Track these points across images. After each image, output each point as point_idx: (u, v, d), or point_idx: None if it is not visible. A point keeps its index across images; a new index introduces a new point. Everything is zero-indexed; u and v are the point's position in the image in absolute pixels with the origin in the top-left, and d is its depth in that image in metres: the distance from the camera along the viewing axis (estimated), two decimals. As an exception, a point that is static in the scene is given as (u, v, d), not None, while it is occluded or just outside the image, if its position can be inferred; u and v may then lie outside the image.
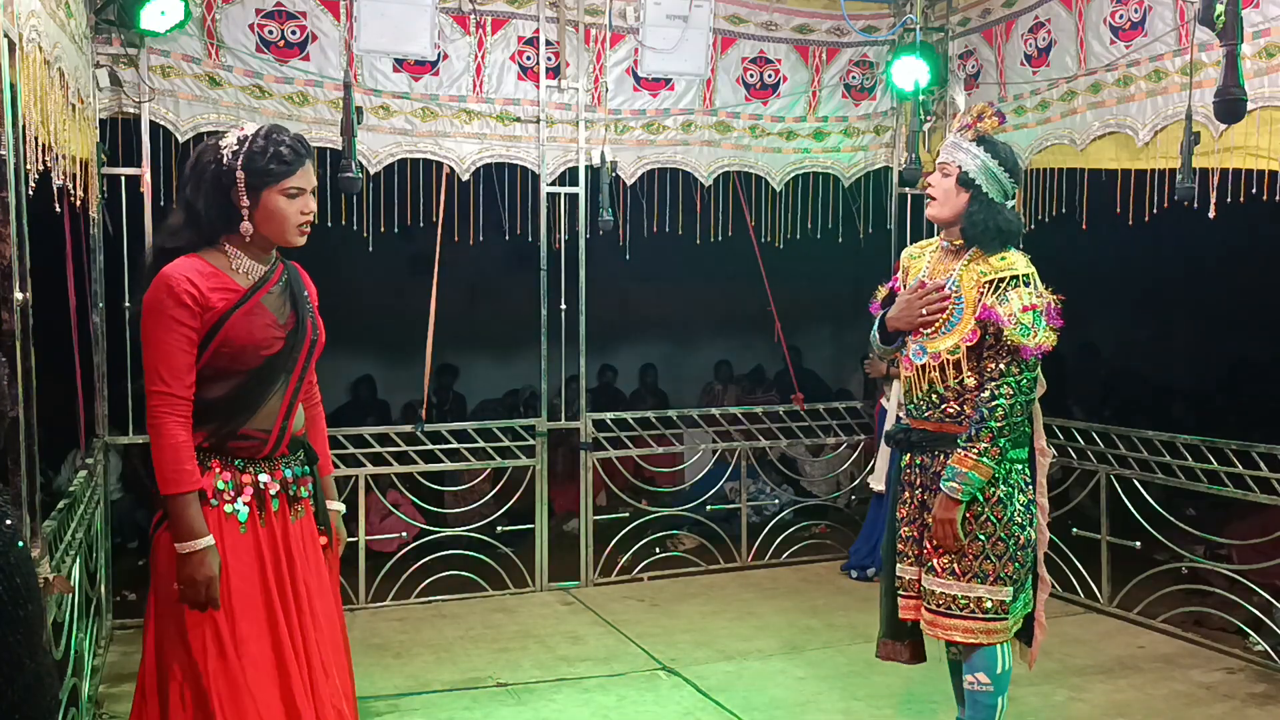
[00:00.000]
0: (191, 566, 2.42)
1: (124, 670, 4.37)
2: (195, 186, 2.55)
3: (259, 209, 2.54)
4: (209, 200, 2.53)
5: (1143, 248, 7.43)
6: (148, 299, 2.49)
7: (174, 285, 2.46)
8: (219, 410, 2.52)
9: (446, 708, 4.21)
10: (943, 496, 3.19)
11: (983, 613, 3.21)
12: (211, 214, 2.53)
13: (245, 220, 2.54)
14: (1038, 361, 3.16)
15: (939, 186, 3.32)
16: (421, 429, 5.67)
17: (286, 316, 2.61)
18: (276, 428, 2.60)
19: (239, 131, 2.57)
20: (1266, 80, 4.20)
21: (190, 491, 2.45)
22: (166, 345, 2.46)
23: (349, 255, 5.85)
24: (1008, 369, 3.14)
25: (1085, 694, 4.27)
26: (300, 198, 2.58)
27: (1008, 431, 3.14)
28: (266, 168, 2.53)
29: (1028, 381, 3.15)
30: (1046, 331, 3.16)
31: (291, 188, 2.56)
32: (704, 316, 10.09)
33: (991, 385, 3.15)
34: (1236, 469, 4.70)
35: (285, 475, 2.63)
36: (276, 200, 2.55)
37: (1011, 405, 3.12)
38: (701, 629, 5.17)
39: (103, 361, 4.95)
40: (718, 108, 6.00)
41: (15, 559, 1.27)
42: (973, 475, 3.14)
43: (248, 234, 2.55)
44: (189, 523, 2.43)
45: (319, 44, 5.24)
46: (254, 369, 2.55)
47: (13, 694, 1.22)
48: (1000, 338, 3.15)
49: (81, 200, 4.19)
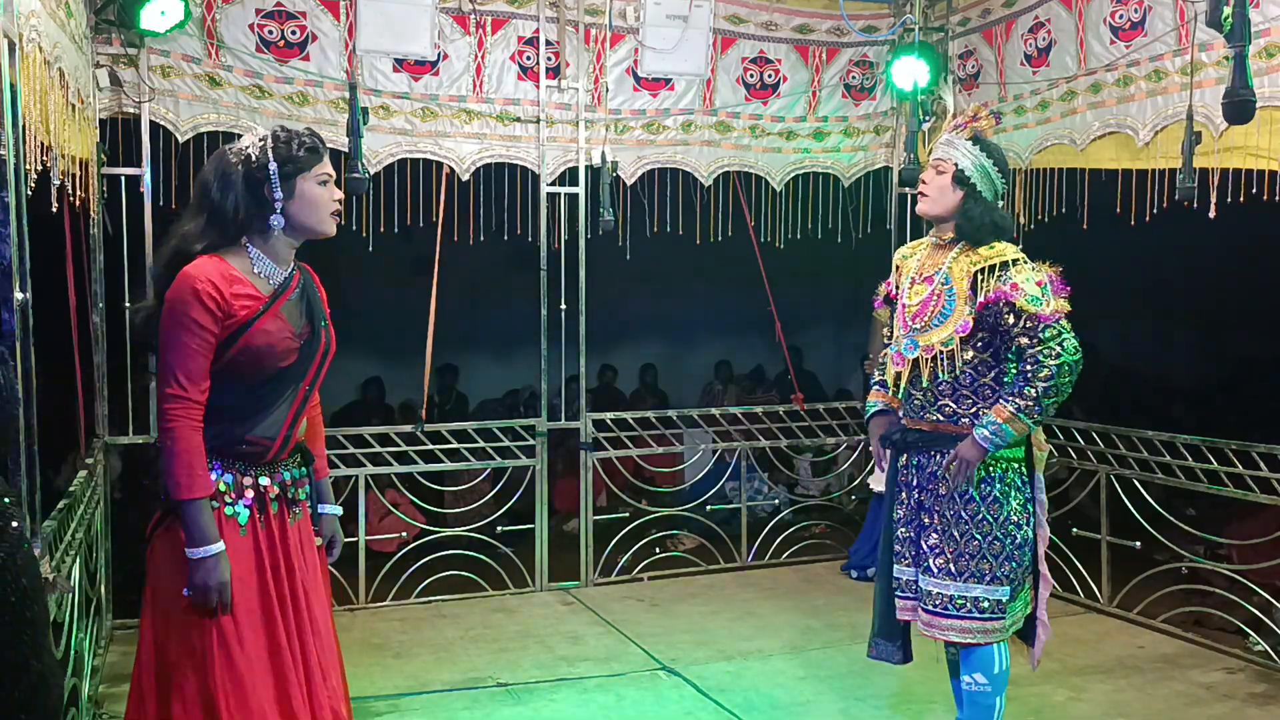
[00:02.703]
0: (204, 572, 2.41)
1: (124, 670, 4.35)
2: (223, 188, 2.52)
3: (294, 199, 2.55)
4: (240, 198, 2.51)
5: (1143, 248, 7.43)
6: (170, 298, 2.45)
7: (199, 288, 2.43)
8: (226, 415, 2.51)
9: (446, 708, 4.21)
10: (971, 439, 3.17)
11: (980, 612, 3.21)
12: (240, 213, 2.52)
13: (277, 213, 2.53)
14: (1068, 326, 3.15)
15: (933, 183, 3.33)
16: (421, 429, 5.67)
17: (302, 326, 2.61)
18: (282, 435, 2.59)
19: (253, 134, 2.59)
20: (1266, 80, 4.20)
21: (204, 497, 2.43)
22: (187, 348, 2.43)
23: (349, 256, 5.84)
24: (1043, 337, 3.12)
25: (1085, 694, 4.27)
26: (329, 185, 2.62)
27: (1052, 394, 3.11)
28: (298, 155, 2.54)
29: (1070, 343, 3.12)
30: (1057, 299, 3.16)
31: (323, 174, 2.60)
32: (704, 316, 10.08)
33: (1032, 352, 3.13)
34: (1236, 469, 4.70)
35: (284, 477, 2.63)
36: (312, 187, 2.57)
37: (1059, 365, 3.10)
38: (701, 629, 5.17)
39: (103, 361, 4.95)
40: (718, 108, 6.00)
41: (23, 561, 1.27)
42: (1005, 428, 3.13)
43: (278, 227, 2.54)
44: (202, 528, 2.42)
45: (319, 44, 5.23)
46: (267, 378, 2.54)
47: (18, 695, 1.22)
48: (1018, 316, 3.14)
49: (81, 200, 4.19)
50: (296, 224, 2.57)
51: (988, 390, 3.24)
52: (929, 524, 3.31)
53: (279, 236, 2.57)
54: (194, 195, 2.61)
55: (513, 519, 5.84)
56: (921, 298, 3.32)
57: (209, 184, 2.55)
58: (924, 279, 3.34)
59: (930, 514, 3.31)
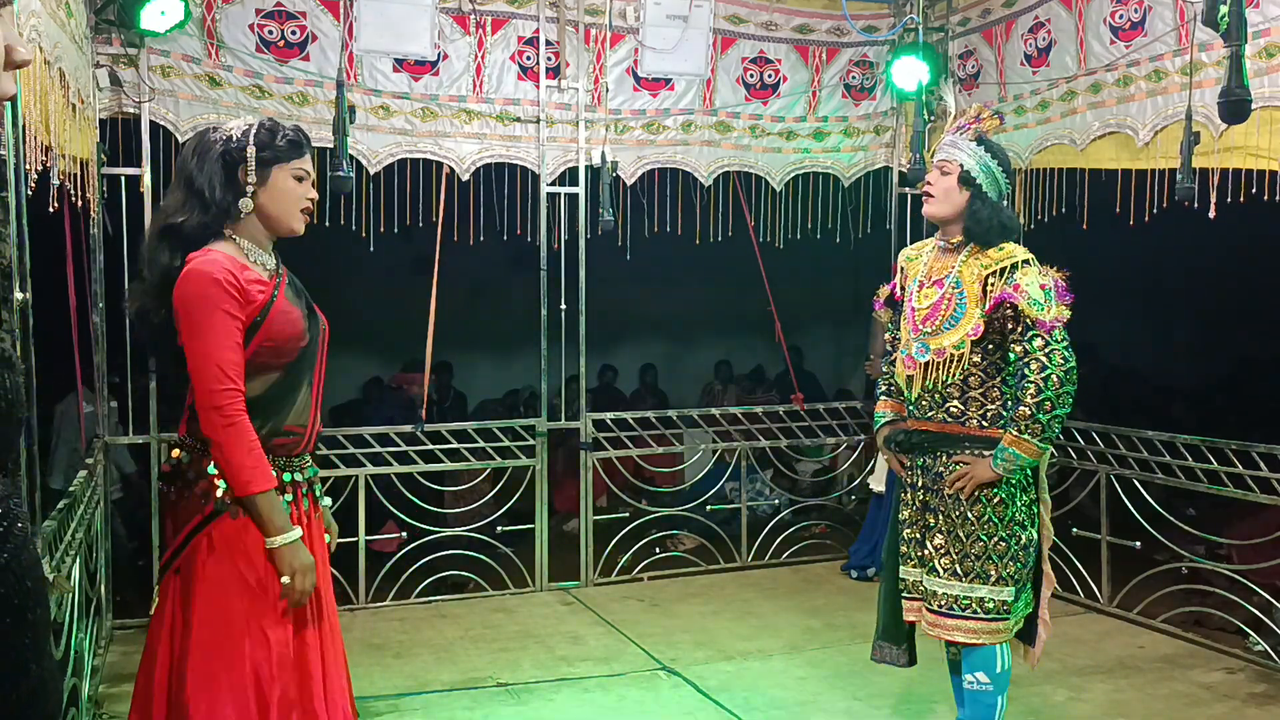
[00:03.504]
0: (294, 556, 2.42)
1: (124, 670, 4.36)
2: (200, 165, 2.50)
3: (265, 187, 2.52)
4: (213, 177, 2.49)
5: (1143, 248, 7.42)
6: (190, 294, 2.41)
7: (219, 278, 2.40)
8: (261, 407, 2.48)
9: (446, 708, 4.20)
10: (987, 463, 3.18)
11: (984, 613, 3.21)
12: (214, 193, 2.49)
13: (247, 197, 2.51)
14: (1063, 335, 3.14)
15: (938, 185, 3.33)
16: (421, 429, 5.67)
17: (303, 307, 2.60)
18: (310, 422, 2.60)
19: (242, 120, 2.58)
20: (1266, 80, 4.20)
21: (274, 487, 2.43)
22: (226, 340, 2.40)
23: (349, 256, 5.85)
24: (1031, 346, 3.12)
25: (1085, 694, 4.27)
26: (305, 182, 2.60)
27: (1049, 406, 3.09)
28: (277, 145, 2.53)
29: (1059, 355, 3.11)
30: (1060, 306, 3.16)
31: (300, 169, 2.58)
32: (704, 316, 10.09)
33: (1019, 365, 3.14)
34: (1236, 469, 4.70)
35: (309, 474, 2.63)
36: (286, 179, 2.55)
37: (1045, 379, 3.09)
38: (701, 629, 5.17)
39: (103, 361, 4.95)
40: (718, 108, 6.00)
41: (27, 562, 1.26)
42: (1013, 451, 3.13)
43: (246, 210, 2.51)
44: (281, 515, 2.43)
45: (319, 44, 5.23)
46: (290, 362, 2.53)
47: (17, 698, 1.22)
48: (1019, 318, 3.14)
49: (81, 200, 4.19)
50: (266, 214, 2.54)
51: (996, 393, 3.24)
52: (934, 525, 3.31)
53: (254, 224, 2.55)
54: (175, 172, 2.60)
55: (513, 519, 5.84)
56: (931, 301, 3.31)
57: (187, 159, 2.54)
58: (933, 282, 3.34)
59: (936, 515, 3.31)
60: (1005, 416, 3.20)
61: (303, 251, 2.69)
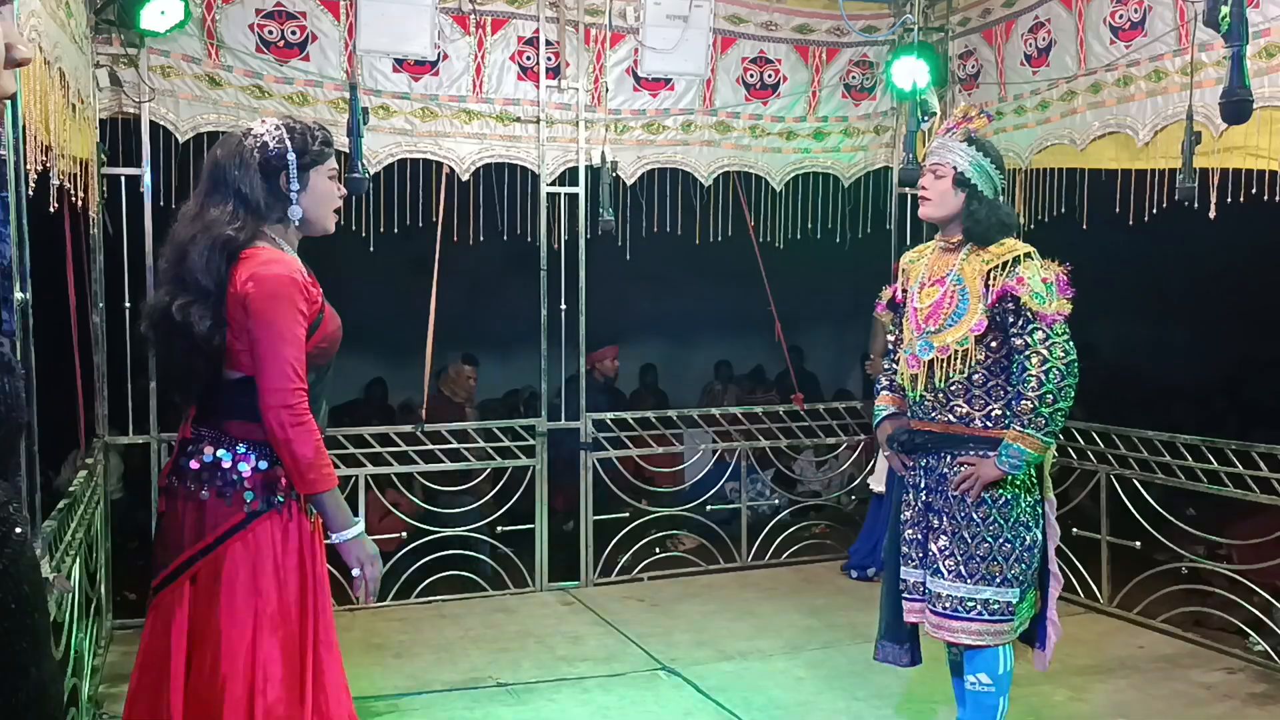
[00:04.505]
0: (360, 548, 2.47)
1: (124, 670, 4.34)
2: (244, 174, 2.47)
3: (307, 192, 2.53)
4: (258, 186, 2.47)
5: (1143, 248, 7.41)
6: (269, 292, 2.38)
7: (298, 280, 2.42)
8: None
9: (446, 708, 4.21)
10: (993, 461, 3.17)
11: (989, 614, 3.21)
12: (260, 201, 2.48)
13: (294, 204, 2.51)
14: (1064, 329, 3.14)
15: (933, 188, 3.33)
16: (421, 429, 5.67)
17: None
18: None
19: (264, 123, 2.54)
20: (1266, 80, 4.20)
21: (337, 484, 2.49)
22: (299, 341, 2.41)
23: (349, 256, 5.84)
24: (1031, 340, 3.12)
25: (1085, 694, 4.27)
26: (334, 180, 2.61)
27: (1051, 399, 3.09)
28: (314, 148, 2.53)
29: (1060, 348, 3.11)
30: (1061, 300, 3.16)
31: (333, 169, 2.59)
32: (704, 316, 10.07)
33: (1020, 358, 3.14)
34: (1236, 469, 4.70)
35: None
36: (324, 181, 2.56)
37: (1046, 372, 3.09)
38: (701, 629, 5.17)
39: (103, 361, 4.95)
40: (718, 108, 6.00)
41: (26, 567, 1.26)
42: (1017, 447, 3.13)
43: (296, 219, 2.52)
44: (346, 511, 2.50)
45: (319, 44, 5.23)
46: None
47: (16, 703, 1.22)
48: (1020, 311, 3.14)
49: (81, 200, 4.19)
50: (308, 218, 2.55)
51: (1000, 390, 3.23)
52: (938, 526, 3.30)
53: (293, 229, 2.55)
54: (208, 180, 2.53)
55: (513, 519, 5.83)
56: (934, 299, 3.31)
57: (226, 168, 2.49)
58: (935, 281, 3.34)
59: (939, 516, 3.30)
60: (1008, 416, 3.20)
61: (302, 252, 2.68)
